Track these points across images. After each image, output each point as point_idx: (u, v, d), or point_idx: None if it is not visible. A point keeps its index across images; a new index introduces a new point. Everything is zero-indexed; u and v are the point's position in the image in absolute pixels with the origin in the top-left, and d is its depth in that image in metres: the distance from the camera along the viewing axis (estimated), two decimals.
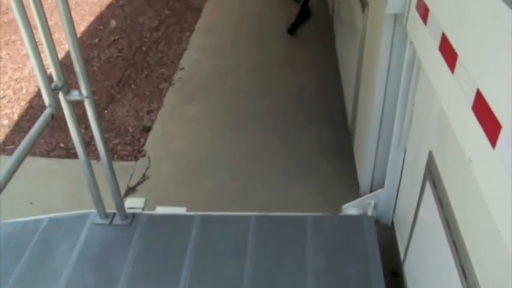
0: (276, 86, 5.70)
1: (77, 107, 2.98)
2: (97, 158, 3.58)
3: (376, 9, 3.27)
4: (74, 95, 2.81)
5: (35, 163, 4.70)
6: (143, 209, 3.61)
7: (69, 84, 2.79)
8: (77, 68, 2.73)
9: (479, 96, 1.61)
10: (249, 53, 6.45)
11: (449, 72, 1.94)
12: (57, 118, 5.05)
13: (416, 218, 2.76)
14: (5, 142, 5.03)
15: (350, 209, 3.52)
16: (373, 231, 3.29)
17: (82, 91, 2.79)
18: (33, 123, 2.58)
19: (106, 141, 3.13)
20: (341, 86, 5.23)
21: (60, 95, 2.76)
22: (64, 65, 2.65)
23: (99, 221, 3.41)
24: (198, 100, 5.53)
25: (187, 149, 4.79)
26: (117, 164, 3.52)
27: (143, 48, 6.77)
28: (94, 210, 3.40)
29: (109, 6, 8.02)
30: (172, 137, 4.99)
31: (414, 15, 2.54)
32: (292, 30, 6.85)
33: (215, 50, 6.59)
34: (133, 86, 5.90)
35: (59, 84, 2.70)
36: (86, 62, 5.87)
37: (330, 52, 6.03)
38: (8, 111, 5.52)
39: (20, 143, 2.46)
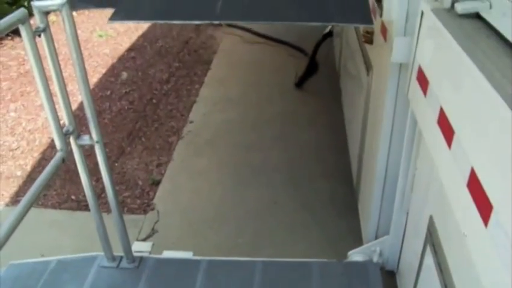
0: (283, 141, 5.81)
1: (88, 159, 3.10)
2: (107, 210, 3.69)
3: (380, 74, 3.39)
4: (85, 140, 2.92)
5: (46, 215, 4.81)
6: (150, 252, 3.68)
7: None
8: (88, 113, 2.85)
9: (473, 175, 1.72)
10: (257, 107, 6.59)
11: (446, 147, 2.05)
12: (69, 171, 5.21)
13: (421, 266, 2.80)
14: (18, 193, 5.13)
15: (356, 255, 3.58)
16: (378, 277, 3.34)
17: (93, 136, 2.91)
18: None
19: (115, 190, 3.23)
20: (346, 141, 5.35)
21: (72, 140, 2.86)
22: (77, 116, 2.77)
23: (106, 263, 3.48)
24: (206, 154, 5.64)
25: (196, 203, 4.89)
26: (127, 218, 3.61)
27: (154, 101, 6.92)
28: (102, 253, 3.47)
29: (121, 58, 8.22)
30: (181, 191, 5.08)
31: (414, 85, 2.66)
32: (300, 83, 7.00)
33: (224, 103, 6.74)
34: (143, 139, 6.03)
35: (71, 128, 2.81)
36: (98, 114, 5.98)
37: (336, 106, 6.17)
38: (21, 162, 5.64)
39: None
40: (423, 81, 2.50)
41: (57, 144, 2.73)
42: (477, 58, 1.86)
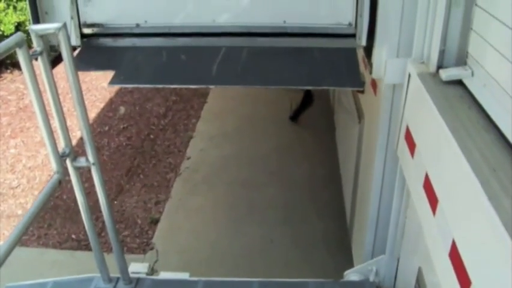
0: (279, 176, 5.95)
1: (88, 197, 3.12)
2: (107, 250, 3.79)
3: (371, 125, 3.54)
4: (81, 162, 2.90)
5: (47, 255, 4.92)
6: (147, 273, 3.67)
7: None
8: (85, 135, 2.85)
9: (454, 247, 1.85)
10: (253, 141, 6.73)
11: (431, 213, 2.18)
12: (69, 209, 5.32)
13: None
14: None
15: (352, 275, 3.65)
16: None
17: (89, 158, 2.90)
18: (46, 214, 2.73)
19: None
20: (340, 176, 5.49)
21: (68, 162, 2.86)
22: (76, 153, 2.87)
23: (103, 285, 3.46)
24: (203, 191, 5.78)
25: (193, 242, 5.01)
26: (127, 257, 3.68)
27: (151, 136, 7.06)
28: (98, 275, 3.46)
29: (118, 92, 8.37)
30: (179, 230, 5.21)
31: (403, 143, 2.80)
32: (295, 117, 7.14)
33: (220, 138, 6.88)
34: (141, 176, 6.16)
35: (67, 150, 2.80)
36: (97, 150, 6.14)
37: (330, 141, 6.32)
38: (22, 200, 5.76)
39: (33, 233, 2.57)
40: (410, 142, 2.64)
41: (54, 166, 2.71)
42: (458, 135, 2.00)
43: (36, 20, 3.08)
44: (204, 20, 3.13)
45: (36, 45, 2.53)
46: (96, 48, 3.17)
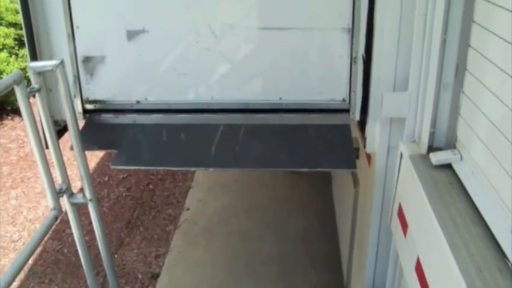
0: (275, 228, 6.02)
1: (89, 251, 3.19)
2: None
3: (365, 194, 3.63)
4: (78, 198, 2.92)
5: None
6: None
7: None
8: (82, 171, 2.88)
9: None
10: (251, 192, 6.81)
11: None
12: (69, 264, 5.39)
13: None
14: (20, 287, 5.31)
15: None
16: None
17: (86, 194, 2.93)
18: (47, 268, 2.76)
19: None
20: (336, 228, 5.58)
21: (65, 198, 2.88)
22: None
23: None
24: (202, 244, 5.84)
25: None
26: None
27: (151, 186, 7.15)
28: None
29: None
30: (178, 285, 5.27)
31: (396, 220, 2.89)
32: None
33: (218, 189, 6.96)
34: (141, 228, 6.24)
35: (64, 187, 2.84)
36: (97, 202, 6.23)
37: (326, 192, 6.43)
38: None
39: None
40: (403, 221, 2.74)
41: (50, 202, 2.75)
42: (447, 229, 2.10)
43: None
44: (202, 97, 3.25)
45: (34, 82, 2.60)
46: (98, 125, 3.28)
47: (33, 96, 2.60)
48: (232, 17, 3.11)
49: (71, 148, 2.86)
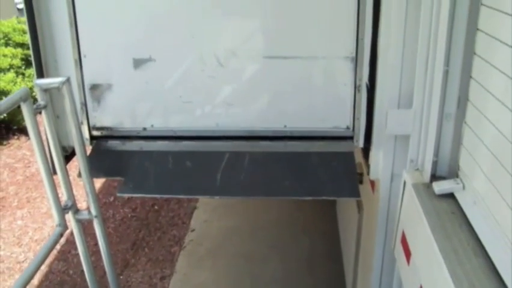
0: (279, 250, 6.04)
1: (95, 272, 3.19)
2: None
3: (369, 220, 3.66)
4: (84, 214, 2.93)
5: None
6: None
7: None
8: (87, 187, 2.89)
9: None
10: (256, 213, 6.83)
11: None
12: (75, 285, 5.40)
13: None
14: None
15: None
16: None
17: (91, 211, 2.94)
18: None
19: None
20: (340, 250, 5.59)
21: (70, 215, 2.89)
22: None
23: None
24: (207, 266, 5.86)
25: None
26: None
27: (156, 207, 7.18)
28: None
29: None
30: None
31: (399, 247, 2.92)
32: None
33: (223, 209, 6.98)
34: (146, 249, 6.26)
35: (69, 203, 2.85)
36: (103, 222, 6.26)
37: (330, 213, 6.44)
38: None
39: None
40: (406, 248, 2.76)
41: (56, 219, 2.75)
42: (449, 260, 2.13)
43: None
44: (207, 124, 3.29)
45: (40, 99, 2.62)
46: (105, 152, 3.32)
47: (40, 113, 2.61)
48: (237, 45, 3.16)
49: (79, 175, 2.90)
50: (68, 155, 3.34)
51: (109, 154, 3.32)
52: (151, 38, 3.19)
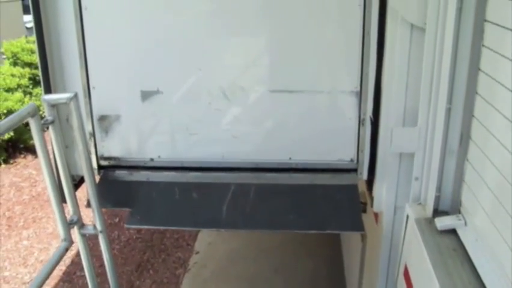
0: (283, 273, 6.06)
1: None
2: None
3: (372, 248, 3.68)
4: (89, 229, 2.94)
5: None
6: None
7: None
8: (93, 203, 2.91)
9: None
10: (260, 235, 6.83)
11: None
12: None
13: None
14: None
15: None
16: None
17: (97, 226, 2.95)
18: None
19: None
20: (343, 273, 5.63)
21: (76, 230, 2.89)
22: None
23: None
24: None
25: None
26: None
27: (161, 229, 7.20)
28: None
29: None
30: None
31: (402, 280, 2.95)
32: None
33: (227, 232, 6.98)
34: (151, 272, 6.29)
35: (75, 218, 2.88)
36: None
37: (335, 239, 6.45)
38: None
39: None
40: (408, 282, 2.79)
41: (61, 233, 2.74)
42: None
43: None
44: (213, 156, 3.35)
45: (48, 115, 2.64)
46: (113, 182, 3.37)
47: (47, 128, 2.64)
48: (244, 79, 3.22)
49: (87, 205, 2.94)
50: (76, 184, 3.39)
51: (116, 184, 3.38)
52: (159, 71, 3.25)
